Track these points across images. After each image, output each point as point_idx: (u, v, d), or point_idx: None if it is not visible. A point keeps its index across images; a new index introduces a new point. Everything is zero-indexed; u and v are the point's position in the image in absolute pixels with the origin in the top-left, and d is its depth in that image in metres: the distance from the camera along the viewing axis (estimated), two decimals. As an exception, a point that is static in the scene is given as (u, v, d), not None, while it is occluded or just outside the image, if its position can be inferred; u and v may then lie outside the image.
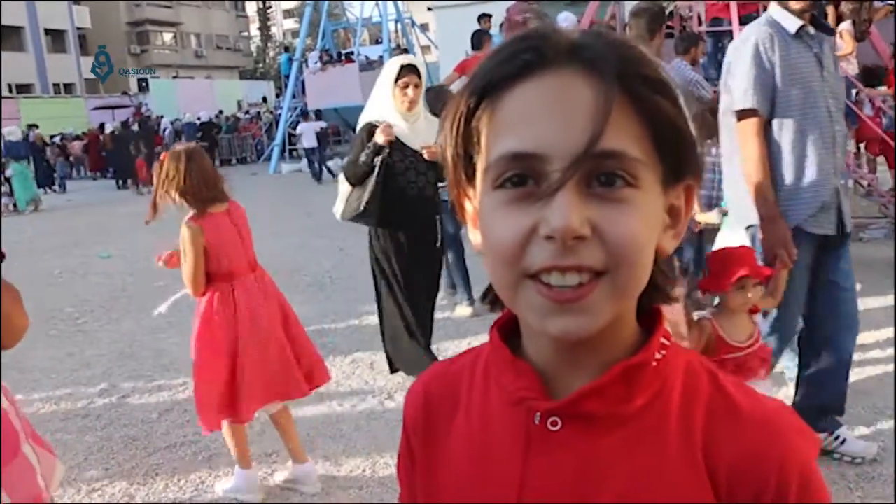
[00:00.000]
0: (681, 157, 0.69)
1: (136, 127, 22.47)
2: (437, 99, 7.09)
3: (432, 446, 0.82)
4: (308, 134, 18.31)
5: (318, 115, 19.79)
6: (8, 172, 16.15)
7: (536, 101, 0.66)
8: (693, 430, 0.70)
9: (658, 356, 0.72)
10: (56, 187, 20.59)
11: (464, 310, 6.12)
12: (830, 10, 8.67)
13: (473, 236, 0.75)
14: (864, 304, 5.48)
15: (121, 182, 20.65)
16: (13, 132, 18.11)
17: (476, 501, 0.75)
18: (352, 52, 23.12)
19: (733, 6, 8.10)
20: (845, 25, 8.28)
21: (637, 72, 0.66)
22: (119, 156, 20.89)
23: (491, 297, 0.77)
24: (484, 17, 11.66)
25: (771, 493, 0.68)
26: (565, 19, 10.95)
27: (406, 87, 4.41)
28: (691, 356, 0.76)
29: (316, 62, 21.98)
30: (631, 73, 0.66)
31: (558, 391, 0.73)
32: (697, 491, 0.69)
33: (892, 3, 9.19)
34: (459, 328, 5.75)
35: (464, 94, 0.70)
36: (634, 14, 4.96)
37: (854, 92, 8.39)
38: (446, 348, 5.30)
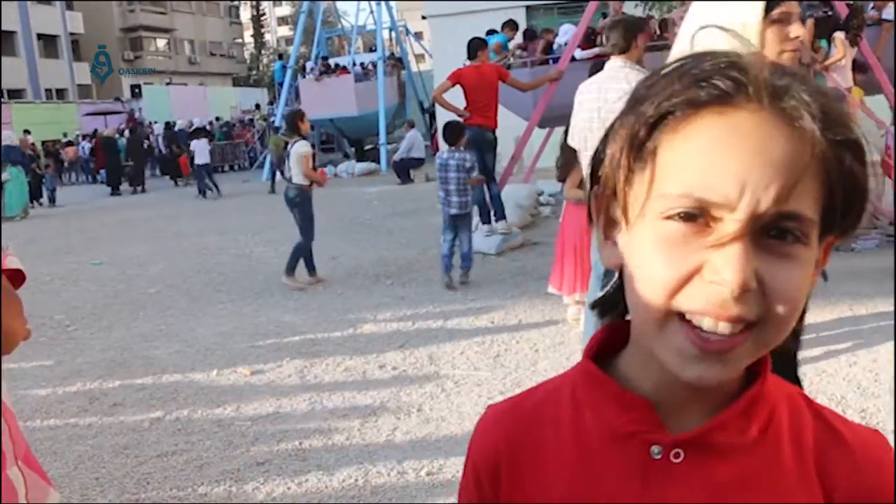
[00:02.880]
0: (849, 215, 0.67)
1: (127, 133, 22.42)
2: (453, 132, 7.21)
3: (519, 490, 0.78)
4: (201, 151, 18.42)
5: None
6: (4, 176, 16.04)
7: (728, 141, 0.62)
8: (806, 454, 0.71)
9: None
10: (44, 200, 19.12)
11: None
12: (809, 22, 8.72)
13: (608, 254, 0.73)
14: (854, 312, 5.53)
15: (114, 188, 20.58)
16: (9, 137, 18.06)
17: None
18: (346, 66, 23.12)
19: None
20: (839, 33, 8.31)
21: (839, 132, 0.63)
22: (112, 161, 20.85)
23: (605, 306, 0.76)
24: (507, 26, 11.75)
25: None
26: (566, 32, 11.03)
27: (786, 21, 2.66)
28: (783, 384, 0.75)
29: (313, 69, 22.01)
30: (832, 132, 0.63)
31: (673, 423, 0.71)
32: None
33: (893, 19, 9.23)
34: (453, 334, 5.75)
35: (647, 107, 0.66)
36: (610, 27, 4.94)
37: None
38: (439, 356, 5.29)
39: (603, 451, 0.73)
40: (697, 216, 0.63)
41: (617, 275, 0.74)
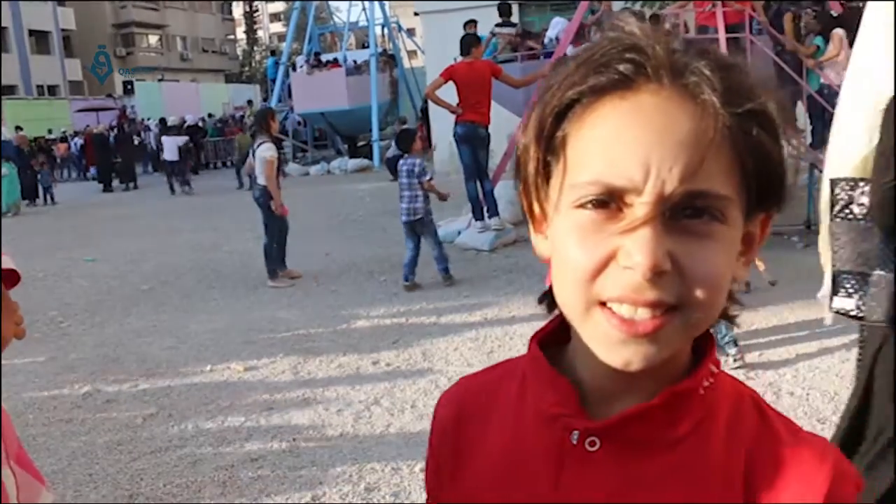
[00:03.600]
0: (770, 189, 0.66)
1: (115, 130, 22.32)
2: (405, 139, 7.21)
3: (461, 457, 0.80)
4: (170, 147, 18.51)
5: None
6: (3, 171, 15.94)
7: (632, 124, 0.62)
8: (735, 461, 0.68)
9: (706, 384, 0.70)
10: (40, 199, 18.37)
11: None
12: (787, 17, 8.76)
13: (540, 245, 0.73)
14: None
15: (105, 184, 20.51)
16: (3, 133, 17.96)
17: None
18: (337, 59, 23.07)
19: (719, 14, 8.15)
20: (839, 30, 8.32)
21: (742, 104, 0.62)
22: (102, 158, 20.77)
23: (548, 301, 0.75)
24: (470, 23, 11.69)
25: None
26: (556, 24, 11.03)
27: None
28: (738, 385, 0.74)
29: (302, 65, 21.95)
30: (736, 104, 0.62)
31: (600, 411, 0.71)
32: None
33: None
34: (446, 329, 5.75)
35: (553, 98, 0.66)
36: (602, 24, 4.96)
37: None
38: (432, 353, 5.30)
39: (534, 430, 0.73)
40: (609, 202, 0.62)
41: None
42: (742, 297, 0.76)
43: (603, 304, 0.64)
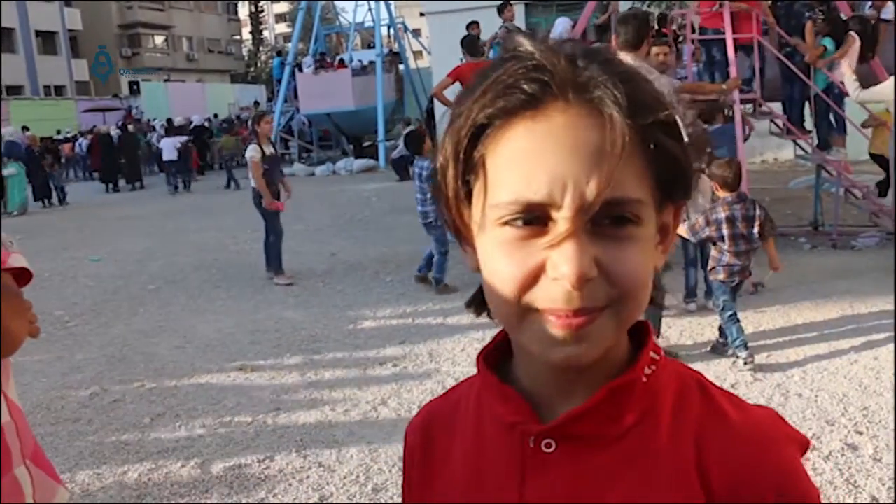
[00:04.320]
0: (679, 186, 0.70)
1: (119, 132, 22.30)
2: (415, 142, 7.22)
3: (429, 474, 0.83)
4: (168, 148, 18.87)
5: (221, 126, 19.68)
6: (6, 172, 15.97)
7: (544, 142, 0.64)
8: (685, 444, 0.71)
9: (647, 372, 0.73)
10: (55, 200, 18.11)
11: None
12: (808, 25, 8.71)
13: (468, 258, 0.74)
14: (855, 310, 5.54)
15: (110, 185, 20.53)
16: (10, 133, 17.96)
17: None
18: (343, 59, 23.08)
19: (726, 13, 8.13)
20: (853, 33, 8.26)
21: (646, 113, 0.65)
22: (107, 158, 20.78)
23: (476, 305, 0.77)
24: (473, 24, 11.67)
25: (770, 502, 0.69)
26: (559, 25, 11.01)
27: None
28: (681, 369, 0.76)
29: (310, 65, 21.97)
30: (640, 114, 0.64)
31: (550, 413, 0.73)
32: None
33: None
34: (454, 330, 5.74)
35: (466, 118, 0.67)
36: (622, 21, 4.98)
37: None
38: (439, 353, 5.29)
39: (496, 439, 0.76)
40: (532, 220, 0.65)
41: None
42: (750, 299, 0.78)
43: (536, 310, 0.66)
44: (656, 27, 10.17)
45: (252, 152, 7.68)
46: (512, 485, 0.74)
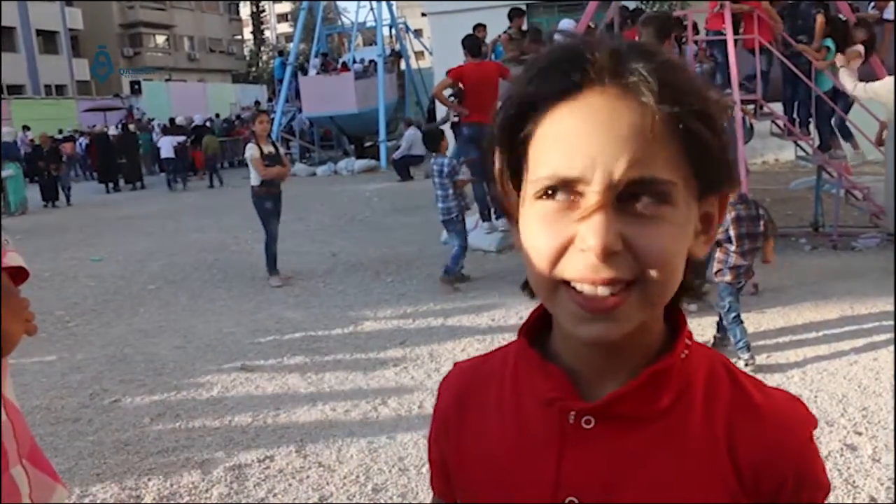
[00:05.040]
0: (715, 175, 0.73)
1: (119, 130, 22.30)
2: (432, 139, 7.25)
3: (464, 441, 0.88)
4: (166, 147, 19.79)
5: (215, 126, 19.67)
6: (5, 173, 15.96)
7: (580, 123, 0.69)
8: (716, 425, 0.76)
9: (682, 356, 0.78)
10: (63, 200, 17.86)
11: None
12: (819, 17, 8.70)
13: (515, 236, 0.79)
14: (855, 311, 5.54)
15: (110, 185, 20.52)
16: (10, 133, 17.94)
17: (514, 493, 0.80)
18: (346, 63, 23.07)
19: (727, 13, 8.12)
20: (860, 46, 8.18)
21: (679, 99, 0.69)
22: (105, 158, 20.78)
23: (528, 288, 0.80)
24: (479, 27, 11.67)
25: (791, 482, 0.75)
26: (563, 26, 11.01)
27: None
28: (709, 352, 0.82)
29: (315, 67, 22.00)
30: (672, 100, 0.69)
31: (589, 391, 0.78)
32: (722, 482, 0.75)
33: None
34: (454, 331, 5.74)
35: (510, 106, 0.74)
36: (644, 22, 5.10)
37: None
38: (440, 354, 5.29)
39: (534, 414, 0.81)
40: (565, 193, 0.70)
41: None
42: (750, 300, 0.80)
43: (567, 283, 0.71)
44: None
45: (251, 151, 7.69)
46: (550, 458, 0.78)
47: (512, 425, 0.83)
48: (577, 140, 0.69)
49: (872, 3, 9.64)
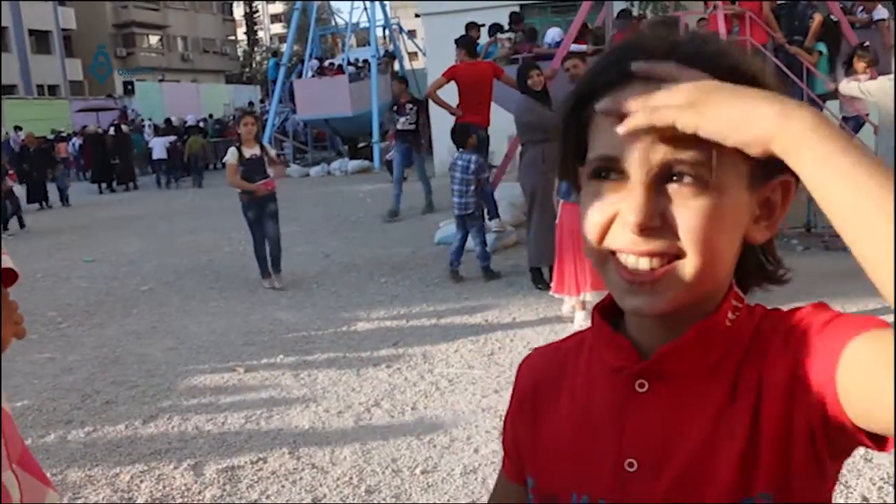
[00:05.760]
0: (767, 159, 0.71)
1: (111, 131, 22.24)
2: (463, 133, 7.34)
3: (540, 413, 0.95)
4: (158, 147, 20.62)
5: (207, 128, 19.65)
6: None
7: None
8: (752, 384, 0.78)
9: (731, 317, 0.81)
10: (58, 201, 17.54)
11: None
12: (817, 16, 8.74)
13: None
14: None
15: (103, 185, 20.47)
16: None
17: (580, 461, 0.87)
18: (341, 65, 23.04)
19: (720, 16, 8.16)
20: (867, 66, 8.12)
21: (727, 63, 0.76)
22: (98, 159, 20.72)
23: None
24: (473, 27, 11.67)
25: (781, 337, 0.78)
26: (550, 34, 11.09)
27: None
28: (762, 311, 0.84)
29: (313, 68, 21.99)
30: (722, 65, 0.75)
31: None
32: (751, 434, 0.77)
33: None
34: (446, 332, 5.74)
35: (572, 97, 0.82)
36: (649, 28, 5.24)
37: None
38: (433, 354, 5.29)
39: (603, 383, 0.87)
40: (614, 174, 0.76)
41: None
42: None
43: (614, 254, 0.78)
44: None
45: (229, 157, 7.47)
46: (613, 423, 0.84)
47: (582, 397, 0.89)
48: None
49: (861, 7, 9.68)
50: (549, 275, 6.19)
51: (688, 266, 0.74)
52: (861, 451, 3.13)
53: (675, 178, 0.74)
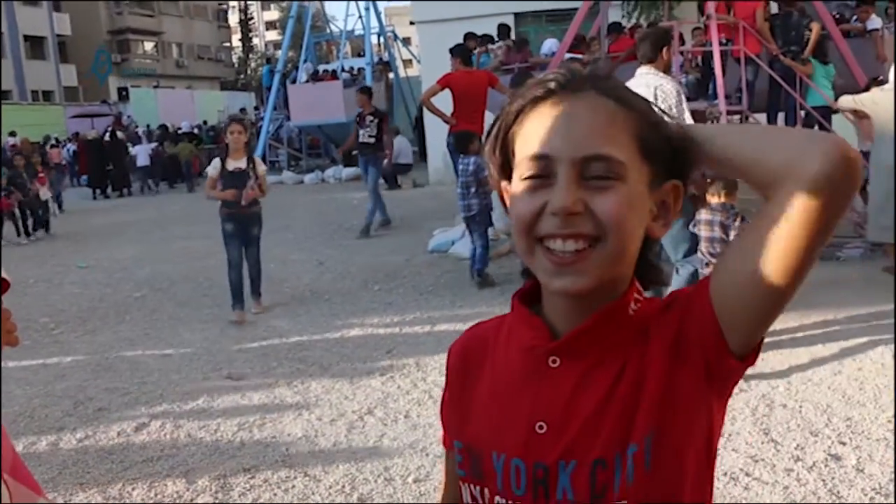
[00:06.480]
0: (667, 164, 0.94)
1: (107, 137, 22.19)
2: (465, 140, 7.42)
3: (466, 389, 1.07)
4: (142, 154, 21.15)
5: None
6: None
7: (552, 118, 0.92)
8: (638, 353, 0.94)
9: (634, 307, 0.96)
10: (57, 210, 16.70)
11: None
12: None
13: (511, 218, 0.98)
14: (839, 320, 5.57)
15: (97, 191, 20.43)
16: None
17: (499, 425, 0.99)
18: (335, 71, 23.07)
19: (713, 26, 8.20)
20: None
21: (629, 96, 0.94)
22: (94, 164, 20.68)
23: (524, 271, 1.02)
24: (470, 37, 11.73)
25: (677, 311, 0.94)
26: (546, 44, 11.16)
27: None
28: (658, 303, 0.98)
29: (306, 72, 22.00)
30: (624, 96, 0.93)
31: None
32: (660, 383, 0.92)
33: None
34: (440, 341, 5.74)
35: (503, 116, 0.97)
36: (640, 39, 5.65)
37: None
38: (426, 363, 5.29)
39: (518, 359, 1.00)
40: (542, 174, 0.91)
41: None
42: None
43: (541, 242, 0.91)
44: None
45: (210, 168, 6.86)
46: (527, 393, 0.97)
47: (501, 370, 1.02)
48: (548, 130, 0.91)
49: (855, 17, 9.74)
50: None
51: (607, 247, 0.89)
52: (853, 460, 3.13)
53: (593, 172, 0.89)
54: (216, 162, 6.80)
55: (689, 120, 5.17)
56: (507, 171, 0.97)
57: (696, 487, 0.95)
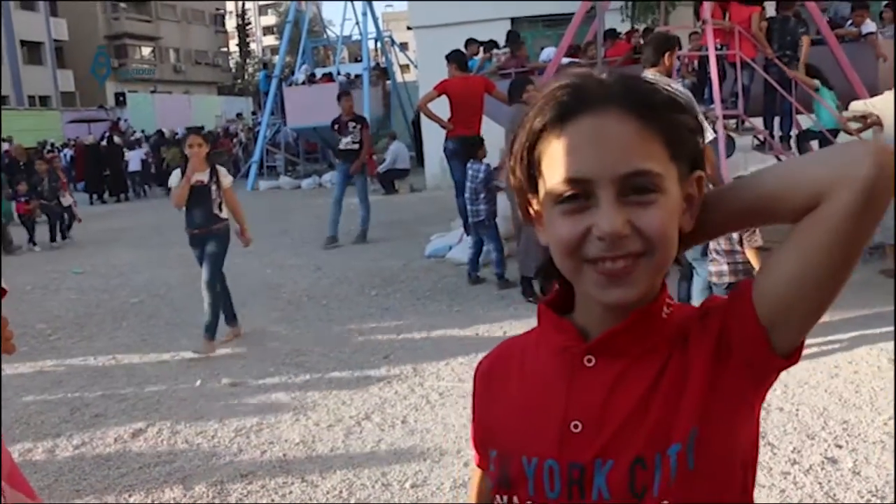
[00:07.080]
0: (691, 157, 0.94)
1: (104, 142, 22.18)
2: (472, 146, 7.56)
3: (495, 401, 1.08)
4: (134, 160, 21.21)
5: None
6: None
7: (582, 138, 0.90)
8: (679, 358, 0.94)
9: (667, 311, 0.97)
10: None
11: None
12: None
13: (541, 235, 0.99)
14: (835, 323, 5.57)
15: (94, 197, 20.41)
16: None
17: (531, 425, 0.99)
18: (331, 73, 23.07)
19: (709, 32, 8.22)
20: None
21: (652, 100, 0.91)
22: (92, 170, 20.67)
23: (541, 276, 1.06)
24: (471, 44, 11.75)
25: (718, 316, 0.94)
26: (545, 53, 11.18)
27: None
28: (689, 308, 1.01)
29: (304, 73, 22.00)
30: (647, 103, 0.90)
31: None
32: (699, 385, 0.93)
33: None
34: (439, 347, 5.74)
35: (525, 132, 0.95)
36: (645, 43, 5.74)
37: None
38: (423, 368, 5.29)
39: (549, 362, 1.00)
40: (579, 195, 0.89)
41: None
42: None
43: (588, 261, 0.90)
44: (642, 44, 10.35)
45: (172, 179, 6.37)
46: (561, 393, 0.97)
47: (531, 374, 1.02)
48: (581, 151, 0.89)
49: (850, 21, 9.76)
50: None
51: (655, 258, 0.90)
52: (850, 463, 3.14)
53: (633, 188, 0.88)
54: (177, 173, 6.26)
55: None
56: (531, 186, 0.97)
57: (742, 488, 0.95)
